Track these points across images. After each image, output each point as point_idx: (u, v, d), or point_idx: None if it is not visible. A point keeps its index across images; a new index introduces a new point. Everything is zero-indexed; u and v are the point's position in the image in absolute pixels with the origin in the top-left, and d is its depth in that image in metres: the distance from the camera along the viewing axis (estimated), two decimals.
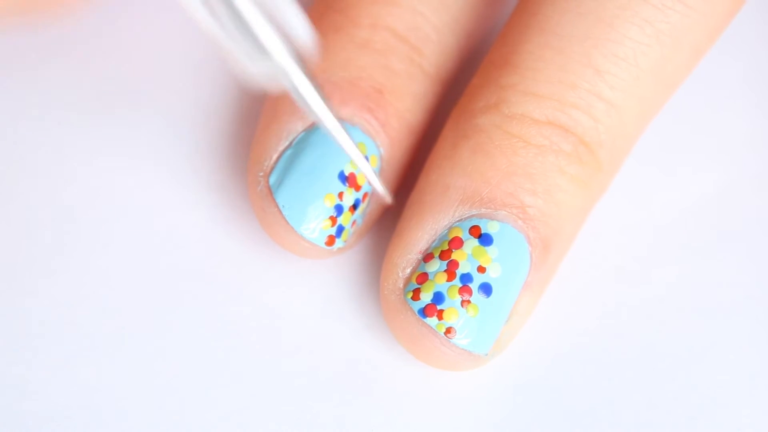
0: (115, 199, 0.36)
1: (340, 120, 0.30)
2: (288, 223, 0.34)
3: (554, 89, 0.33)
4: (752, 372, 0.36)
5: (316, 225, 0.34)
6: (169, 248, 0.36)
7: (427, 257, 0.34)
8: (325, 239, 0.34)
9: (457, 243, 0.33)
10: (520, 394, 0.35)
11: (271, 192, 0.34)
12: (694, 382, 0.36)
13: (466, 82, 0.36)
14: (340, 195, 0.34)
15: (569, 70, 0.33)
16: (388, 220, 0.36)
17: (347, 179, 0.34)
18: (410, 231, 0.34)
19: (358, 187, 0.34)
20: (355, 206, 0.34)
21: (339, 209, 0.34)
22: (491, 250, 0.33)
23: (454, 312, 0.33)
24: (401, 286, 0.34)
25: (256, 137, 0.35)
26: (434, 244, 0.34)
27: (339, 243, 0.34)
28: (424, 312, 0.33)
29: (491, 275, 0.33)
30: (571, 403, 0.35)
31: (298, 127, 0.34)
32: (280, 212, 0.34)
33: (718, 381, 0.36)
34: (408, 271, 0.34)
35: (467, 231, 0.33)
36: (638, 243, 0.38)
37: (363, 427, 0.34)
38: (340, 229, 0.34)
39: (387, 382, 0.35)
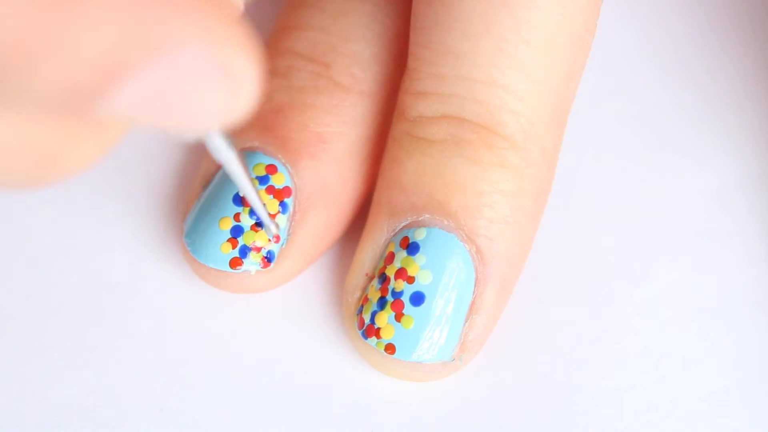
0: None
1: (239, 151, 0.30)
2: (193, 256, 0.34)
3: (431, 84, 0.32)
4: (752, 372, 0.34)
5: (213, 250, 0.34)
6: (171, 260, 0.37)
7: (372, 278, 0.34)
8: (229, 262, 0.34)
9: (390, 258, 0.33)
10: (518, 395, 0.34)
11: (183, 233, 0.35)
12: (694, 382, 0.34)
13: None
14: (236, 216, 0.34)
15: (434, 61, 0.32)
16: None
17: (243, 200, 0.34)
18: (356, 255, 0.34)
19: None
20: (259, 224, 0.34)
21: (237, 230, 0.34)
22: (418, 258, 0.33)
23: (390, 328, 0.32)
24: (352, 310, 0.34)
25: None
26: (379, 263, 0.34)
27: (249, 264, 0.34)
28: (365, 333, 0.33)
29: (422, 282, 0.32)
30: (570, 403, 0.34)
31: (211, 169, 0.35)
32: (187, 249, 0.34)
33: (718, 381, 0.34)
34: (357, 295, 0.34)
35: (398, 244, 0.33)
36: (638, 243, 0.36)
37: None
38: (244, 250, 0.34)
39: (379, 387, 0.35)
